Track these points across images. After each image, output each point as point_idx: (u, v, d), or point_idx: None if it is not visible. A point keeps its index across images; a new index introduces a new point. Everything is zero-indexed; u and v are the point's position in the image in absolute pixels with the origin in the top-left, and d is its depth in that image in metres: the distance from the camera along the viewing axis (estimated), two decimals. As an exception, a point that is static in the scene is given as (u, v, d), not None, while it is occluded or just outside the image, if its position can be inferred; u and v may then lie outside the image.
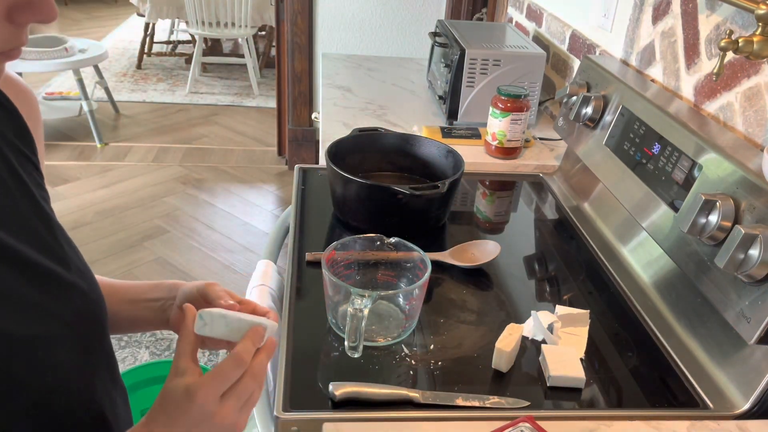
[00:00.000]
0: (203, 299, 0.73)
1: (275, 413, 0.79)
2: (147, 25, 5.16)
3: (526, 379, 0.88)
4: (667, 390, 0.88)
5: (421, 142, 1.34)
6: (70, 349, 0.61)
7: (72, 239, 0.68)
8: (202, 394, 0.59)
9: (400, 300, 0.97)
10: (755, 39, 0.89)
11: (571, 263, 1.18)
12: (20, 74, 4.00)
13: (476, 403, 0.83)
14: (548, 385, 0.87)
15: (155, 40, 5.53)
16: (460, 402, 0.83)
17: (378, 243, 1.01)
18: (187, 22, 4.67)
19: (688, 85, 1.19)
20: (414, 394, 0.82)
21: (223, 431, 0.61)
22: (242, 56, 4.93)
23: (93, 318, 0.65)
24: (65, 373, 0.60)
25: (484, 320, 1.00)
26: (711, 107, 1.12)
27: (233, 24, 4.61)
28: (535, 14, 2.00)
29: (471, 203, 1.41)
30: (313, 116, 3.39)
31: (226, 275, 2.71)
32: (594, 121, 1.30)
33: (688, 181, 0.99)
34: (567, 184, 1.43)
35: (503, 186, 1.49)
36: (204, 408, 0.59)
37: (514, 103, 1.47)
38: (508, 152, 1.53)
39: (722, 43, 0.90)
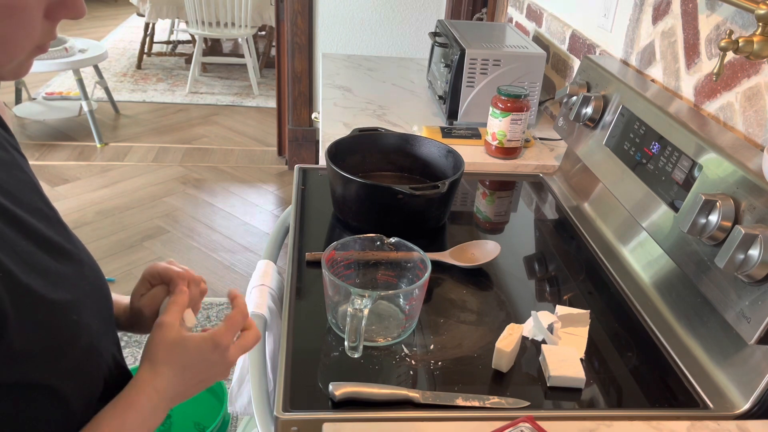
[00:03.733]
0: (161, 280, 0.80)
1: (275, 413, 0.79)
2: (147, 25, 5.16)
3: (526, 379, 0.88)
4: (667, 390, 0.88)
5: (421, 142, 1.34)
6: (93, 315, 0.65)
7: None
8: (223, 339, 0.70)
9: (400, 300, 0.97)
10: (755, 39, 0.89)
11: (571, 263, 1.18)
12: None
13: (476, 403, 0.83)
14: (548, 385, 0.87)
15: (155, 40, 5.53)
16: (460, 402, 0.83)
17: (378, 243, 1.01)
18: (187, 22, 4.67)
19: (688, 85, 1.19)
20: (414, 394, 0.82)
21: (225, 367, 0.72)
22: (242, 56, 4.94)
23: (102, 291, 0.69)
24: (94, 335, 0.64)
25: (484, 320, 1.00)
26: (711, 107, 1.12)
27: (233, 24, 4.62)
28: (535, 14, 2.00)
29: (471, 203, 1.41)
30: (313, 116, 3.39)
31: (226, 275, 2.71)
32: (594, 121, 1.30)
33: (688, 181, 0.99)
34: (567, 184, 1.43)
35: (503, 186, 1.49)
36: (223, 352, 0.70)
37: (514, 103, 1.47)
38: (508, 152, 1.53)
39: (722, 43, 0.90)
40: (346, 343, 0.86)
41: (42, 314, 0.57)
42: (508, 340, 0.88)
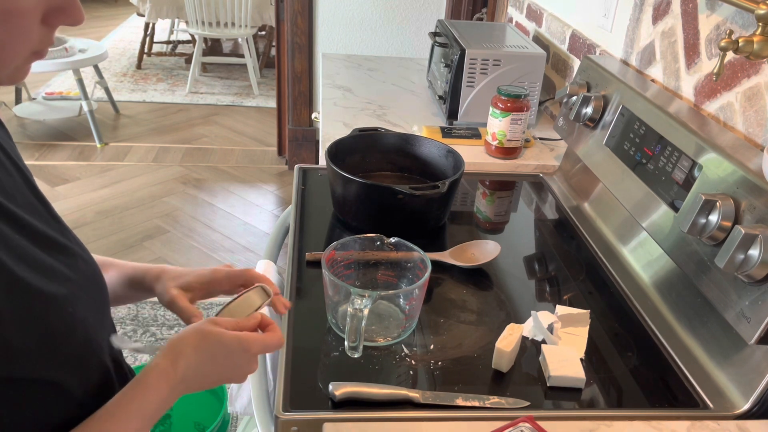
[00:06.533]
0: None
1: (275, 413, 0.79)
2: (147, 25, 5.16)
3: (526, 379, 0.88)
4: (667, 390, 0.88)
5: (421, 142, 1.34)
6: (88, 307, 0.65)
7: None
8: (253, 346, 0.70)
9: (400, 300, 0.97)
10: (755, 39, 0.89)
11: (571, 263, 1.18)
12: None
13: (476, 403, 0.83)
14: (548, 385, 0.87)
15: (155, 40, 5.53)
16: (460, 402, 0.83)
17: (378, 243, 1.01)
18: (187, 22, 4.67)
19: (688, 85, 1.19)
20: (414, 394, 0.82)
21: (244, 372, 0.72)
22: (242, 56, 4.93)
23: (96, 282, 0.70)
24: (90, 328, 0.65)
25: (484, 320, 1.00)
26: (711, 107, 1.12)
27: (233, 24, 4.61)
28: (535, 14, 2.00)
29: (471, 203, 1.41)
30: (313, 116, 3.39)
31: (226, 275, 2.70)
32: (594, 121, 1.30)
33: (688, 181, 0.99)
34: (567, 184, 1.43)
35: (503, 186, 1.49)
36: (250, 359, 0.71)
37: (514, 103, 1.47)
38: (508, 152, 1.53)
39: (722, 43, 0.90)
40: (346, 343, 0.86)
41: (37, 308, 0.57)
42: (508, 340, 0.88)
